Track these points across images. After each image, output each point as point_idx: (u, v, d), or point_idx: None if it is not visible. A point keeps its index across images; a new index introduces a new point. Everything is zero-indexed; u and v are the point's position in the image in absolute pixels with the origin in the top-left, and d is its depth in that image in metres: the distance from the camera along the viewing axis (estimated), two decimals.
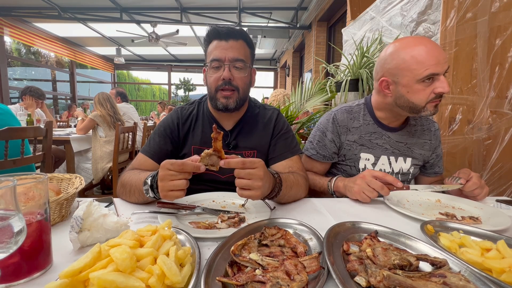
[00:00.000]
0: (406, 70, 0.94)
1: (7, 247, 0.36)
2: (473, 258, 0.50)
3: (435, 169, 1.19)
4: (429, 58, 0.90)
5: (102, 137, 2.90)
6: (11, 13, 5.94)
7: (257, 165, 0.67)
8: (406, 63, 0.94)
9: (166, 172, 0.66)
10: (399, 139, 1.11)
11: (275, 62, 11.36)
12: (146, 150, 0.99)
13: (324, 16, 5.57)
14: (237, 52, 0.93)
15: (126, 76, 14.80)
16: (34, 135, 1.60)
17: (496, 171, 1.46)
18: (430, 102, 0.95)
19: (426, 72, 0.91)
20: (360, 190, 0.88)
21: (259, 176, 0.66)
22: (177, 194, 0.67)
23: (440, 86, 0.92)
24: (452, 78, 1.44)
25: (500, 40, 1.39)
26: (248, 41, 0.98)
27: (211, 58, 0.94)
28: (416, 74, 0.93)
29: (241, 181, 0.66)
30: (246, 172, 0.66)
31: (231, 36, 0.93)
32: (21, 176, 0.48)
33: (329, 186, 1.02)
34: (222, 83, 0.93)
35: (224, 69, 0.92)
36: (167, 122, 1.04)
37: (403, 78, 0.96)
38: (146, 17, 6.15)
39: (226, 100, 0.94)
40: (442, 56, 0.91)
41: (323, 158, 1.14)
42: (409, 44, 0.95)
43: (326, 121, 1.15)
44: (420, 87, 0.94)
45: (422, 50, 0.92)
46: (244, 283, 0.42)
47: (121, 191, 0.87)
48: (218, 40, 0.94)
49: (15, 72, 10.13)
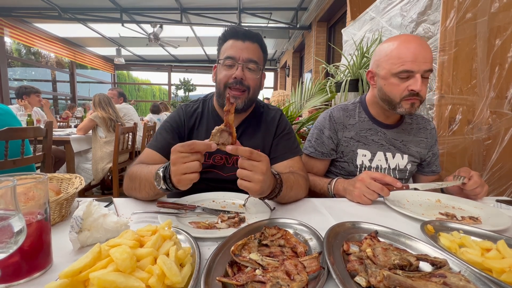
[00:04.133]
0: (385, 62, 0.98)
1: (7, 247, 0.36)
2: (473, 258, 0.50)
3: (432, 167, 1.20)
4: (408, 54, 0.93)
5: (102, 138, 2.90)
6: (11, 13, 5.94)
7: (262, 159, 0.66)
8: (387, 55, 0.98)
9: (178, 155, 0.65)
10: (395, 136, 1.12)
11: (275, 63, 11.36)
12: (153, 144, 0.99)
13: (324, 17, 5.58)
14: (251, 54, 0.94)
15: (126, 76, 14.80)
16: (34, 135, 1.60)
17: (496, 171, 1.46)
18: (404, 99, 0.97)
19: (401, 67, 0.94)
20: (361, 194, 0.88)
21: (261, 170, 0.65)
22: (191, 177, 0.64)
23: (413, 84, 0.94)
24: (452, 78, 1.44)
25: (500, 40, 1.40)
26: (263, 46, 1.00)
27: (225, 55, 0.94)
28: (392, 67, 0.96)
29: (243, 171, 0.65)
30: (249, 163, 0.65)
31: (248, 38, 0.95)
32: (21, 176, 0.48)
33: (329, 189, 1.02)
34: (233, 81, 0.93)
35: (238, 68, 0.93)
36: (173, 118, 1.04)
37: (382, 70, 1.00)
38: (146, 17, 6.15)
39: (235, 100, 0.94)
40: (422, 55, 0.92)
41: (322, 155, 1.15)
42: (397, 39, 0.98)
43: (323, 119, 1.17)
44: (395, 81, 0.97)
45: (404, 46, 0.94)
46: (244, 283, 0.42)
47: (130, 186, 0.84)
48: (234, 39, 0.95)
49: (15, 72, 10.13)
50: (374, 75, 1.06)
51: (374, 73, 1.05)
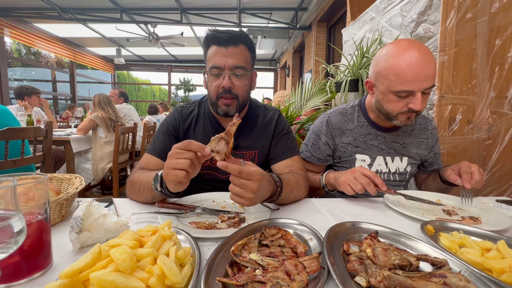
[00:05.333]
0: (384, 78, 0.94)
1: (7, 247, 0.36)
2: (473, 258, 0.50)
3: (434, 166, 1.20)
4: (408, 73, 0.87)
5: (102, 138, 2.90)
6: (11, 13, 5.94)
7: (253, 178, 0.64)
8: (386, 71, 0.92)
9: (174, 150, 0.67)
10: (395, 139, 1.11)
11: (275, 63, 11.36)
12: (151, 149, 0.99)
13: (324, 17, 5.58)
14: (237, 59, 0.90)
15: (126, 76, 14.79)
16: (34, 135, 1.60)
17: (496, 171, 1.46)
18: (402, 113, 0.95)
19: (401, 87, 0.89)
20: (346, 181, 0.88)
21: (251, 189, 0.64)
22: (177, 173, 0.64)
23: (413, 103, 0.90)
24: (452, 78, 1.44)
25: (499, 40, 1.40)
26: (249, 44, 0.95)
27: (210, 65, 0.92)
28: (390, 85, 0.92)
29: (234, 187, 0.65)
30: (240, 182, 0.64)
31: (231, 42, 0.90)
32: (21, 176, 0.48)
33: (321, 180, 1.03)
34: (222, 91, 0.92)
35: (224, 77, 0.91)
36: (169, 121, 1.05)
37: (381, 85, 0.96)
38: (146, 17, 6.15)
39: (227, 108, 0.94)
40: (423, 73, 0.86)
41: (318, 161, 1.15)
42: (397, 51, 0.91)
43: (320, 124, 1.16)
44: (394, 98, 0.93)
45: (404, 62, 0.87)
46: (244, 283, 0.42)
47: (130, 191, 0.87)
48: (217, 46, 0.91)
49: (15, 72, 10.12)
50: (373, 86, 1.02)
51: (373, 83, 1.01)
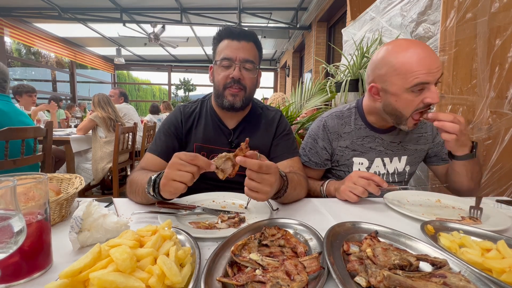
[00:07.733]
0: (394, 77, 0.90)
1: (7, 247, 0.36)
2: (473, 258, 0.50)
3: (442, 156, 1.16)
4: (420, 65, 0.85)
5: (102, 138, 2.90)
6: (11, 13, 5.94)
7: (271, 171, 0.66)
8: (395, 70, 0.89)
9: (177, 161, 0.64)
10: (393, 139, 1.10)
11: (275, 63, 11.35)
12: (153, 149, 1.00)
13: (324, 17, 5.57)
14: (247, 53, 0.95)
15: (126, 76, 14.80)
16: (34, 135, 1.60)
17: (496, 171, 1.46)
18: (416, 112, 0.92)
19: (415, 80, 0.86)
20: (346, 189, 0.88)
21: (270, 182, 0.66)
22: (178, 185, 0.63)
23: (429, 96, 0.87)
24: (452, 78, 1.44)
25: (500, 40, 1.39)
26: (258, 43, 1.00)
27: (222, 56, 0.95)
28: (405, 82, 0.88)
29: (251, 183, 0.65)
30: (258, 176, 0.65)
31: (244, 37, 0.95)
32: (21, 176, 0.48)
33: (322, 191, 1.02)
34: (231, 81, 0.95)
35: (235, 68, 0.94)
36: (171, 120, 1.05)
37: (392, 86, 0.91)
38: (146, 17, 6.15)
39: (233, 98, 0.96)
40: (434, 64, 0.86)
41: (316, 165, 1.14)
42: (400, 48, 0.89)
43: (317, 128, 1.14)
44: (409, 96, 0.89)
45: (413, 56, 0.86)
46: (244, 283, 0.42)
47: (128, 191, 0.88)
48: (230, 39, 0.95)
49: (15, 72, 10.14)
50: (380, 90, 0.97)
51: (380, 88, 0.96)
